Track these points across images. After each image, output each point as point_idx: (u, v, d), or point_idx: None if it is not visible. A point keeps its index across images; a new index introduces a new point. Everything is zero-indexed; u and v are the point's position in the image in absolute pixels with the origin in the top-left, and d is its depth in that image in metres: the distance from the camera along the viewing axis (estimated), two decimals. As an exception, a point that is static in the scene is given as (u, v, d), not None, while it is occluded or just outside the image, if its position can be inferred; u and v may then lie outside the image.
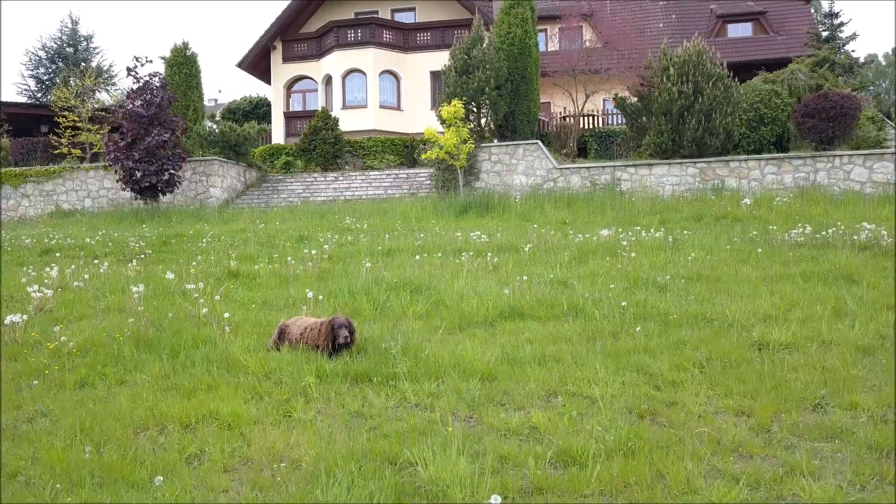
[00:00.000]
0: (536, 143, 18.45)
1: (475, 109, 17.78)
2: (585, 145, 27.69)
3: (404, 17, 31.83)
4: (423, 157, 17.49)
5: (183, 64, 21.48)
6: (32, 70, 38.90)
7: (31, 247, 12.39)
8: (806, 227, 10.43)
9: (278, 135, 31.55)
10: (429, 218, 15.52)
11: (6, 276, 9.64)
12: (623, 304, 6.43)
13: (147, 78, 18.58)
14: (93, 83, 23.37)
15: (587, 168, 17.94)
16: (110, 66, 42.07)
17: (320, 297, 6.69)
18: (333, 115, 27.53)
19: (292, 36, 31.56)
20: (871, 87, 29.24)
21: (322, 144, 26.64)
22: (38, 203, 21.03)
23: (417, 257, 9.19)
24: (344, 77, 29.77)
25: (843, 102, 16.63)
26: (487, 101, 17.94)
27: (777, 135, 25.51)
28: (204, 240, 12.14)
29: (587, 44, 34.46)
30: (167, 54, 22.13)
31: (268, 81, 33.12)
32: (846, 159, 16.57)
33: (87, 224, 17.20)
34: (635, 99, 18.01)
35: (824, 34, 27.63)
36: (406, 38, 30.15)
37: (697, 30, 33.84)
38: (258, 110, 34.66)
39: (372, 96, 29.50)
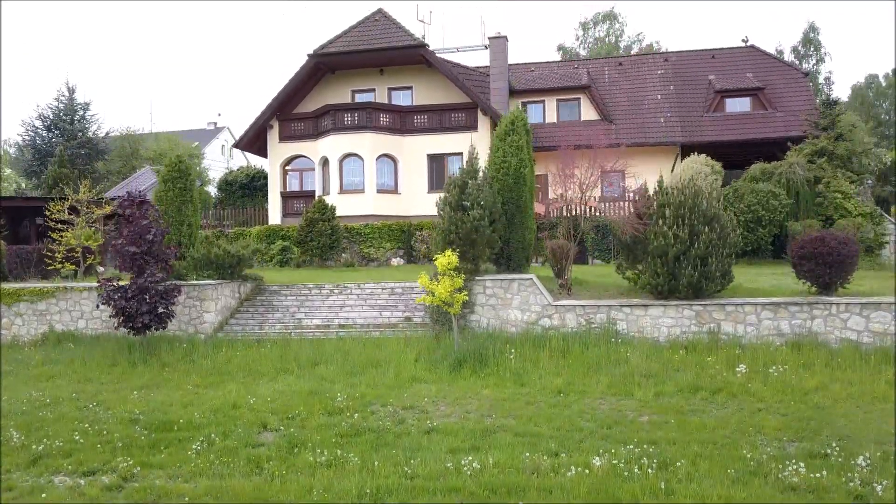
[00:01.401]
0: (531, 278, 18.36)
1: (470, 244, 17.69)
2: (584, 236, 27.57)
3: (402, 96, 31.77)
4: (417, 301, 17.43)
5: (177, 178, 21.40)
6: (29, 141, 38.84)
7: (18, 446, 12.34)
8: (800, 465, 10.34)
9: (275, 214, 31.53)
10: (423, 376, 15.49)
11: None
12: None
13: (139, 212, 18.50)
14: (87, 194, 23.31)
15: (582, 306, 17.86)
16: (107, 133, 41.85)
17: None
18: (330, 204, 27.54)
19: (289, 115, 31.52)
20: (870, 181, 29.11)
21: (319, 237, 26.67)
22: (32, 322, 20.95)
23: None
24: (341, 161, 29.73)
25: (841, 249, 16.49)
26: (482, 237, 17.84)
27: (774, 235, 25.43)
28: (195, 446, 12.09)
29: (586, 116, 34.40)
30: (162, 167, 22.07)
31: (265, 156, 33.08)
32: (843, 307, 16.47)
33: (79, 368, 17.16)
34: (631, 236, 17.89)
35: (823, 122, 27.50)
36: (403, 121, 30.08)
37: (696, 103, 33.80)
38: (255, 182, 34.58)
39: (369, 180, 29.46)
